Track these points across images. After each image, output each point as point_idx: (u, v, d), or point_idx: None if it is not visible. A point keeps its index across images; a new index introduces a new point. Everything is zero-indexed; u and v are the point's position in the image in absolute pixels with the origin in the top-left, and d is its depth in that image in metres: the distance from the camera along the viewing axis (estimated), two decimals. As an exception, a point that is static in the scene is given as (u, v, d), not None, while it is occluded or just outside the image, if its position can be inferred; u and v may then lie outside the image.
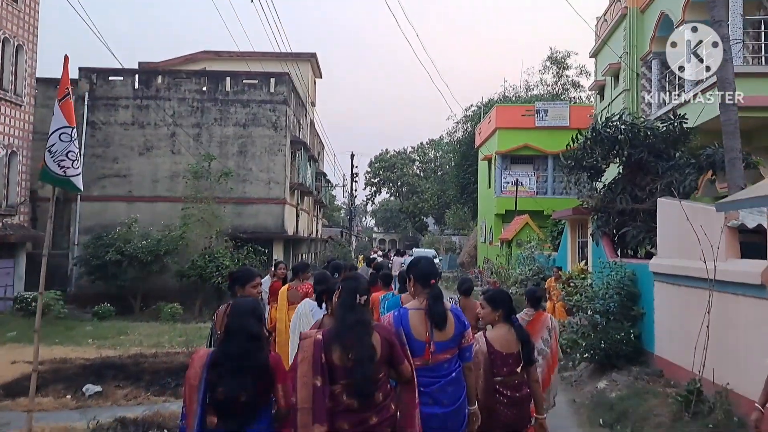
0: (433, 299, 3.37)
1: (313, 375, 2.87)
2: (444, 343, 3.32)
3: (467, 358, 3.46)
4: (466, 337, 3.44)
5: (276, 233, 20.41)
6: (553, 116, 23.97)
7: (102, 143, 20.16)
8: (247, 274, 4.23)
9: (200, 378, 2.86)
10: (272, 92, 20.60)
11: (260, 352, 2.95)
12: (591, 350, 8.12)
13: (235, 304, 3.21)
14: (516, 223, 21.22)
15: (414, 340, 3.28)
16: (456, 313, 3.47)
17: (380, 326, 3.16)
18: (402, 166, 58.67)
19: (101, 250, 17.67)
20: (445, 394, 3.28)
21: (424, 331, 3.30)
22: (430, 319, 3.32)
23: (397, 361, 3.05)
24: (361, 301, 3.11)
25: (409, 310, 3.42)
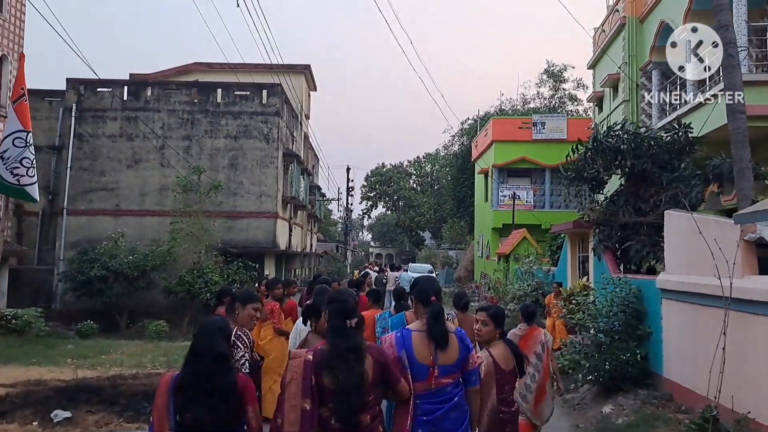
0: (433, 318, 3.24)
1: (302, 397, 2.78)
2: (447, 367, 3.20)
3: (473, 383, 3.33)
4: (470, 361, 3.32)
5: (267, 248, 19.90)
6: (550, 129, 23.63)
7: (89, 156, 19.70)
8: (251, 295, 4.17)
9: (167, 403, 2.72)
10: (264, 104, 20.20)
11: (228, 373, 2.80)
12: (595, 372, 7.61)
13: (203, 322, 3.04)
14: (513, 237, 20.75)
15: (417, 364, 3.17)
16: (460, 336, 3.32)
17: (373, 348, 3.05)
18: (398, 180, 58.28)
19: (86, 266, 17.10)
20: (448, 421, 3.16)
21: (428, 354, 3.17)
22: (431, 339, 3.20)
23: (393, 381, 3.02)
24: (351, 324, 2.99)
25: (413, 331, 3.29)
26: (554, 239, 14.89)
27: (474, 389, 3.34)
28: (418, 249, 59.76)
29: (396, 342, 3.24)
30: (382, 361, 2.98)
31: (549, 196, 24.08)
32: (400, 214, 60.09)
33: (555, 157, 23.42)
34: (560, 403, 8.77)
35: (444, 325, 3.27)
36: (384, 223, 74.97)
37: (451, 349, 3.22)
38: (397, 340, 3.24)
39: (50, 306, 19.05)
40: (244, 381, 2.88)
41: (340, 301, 3.07)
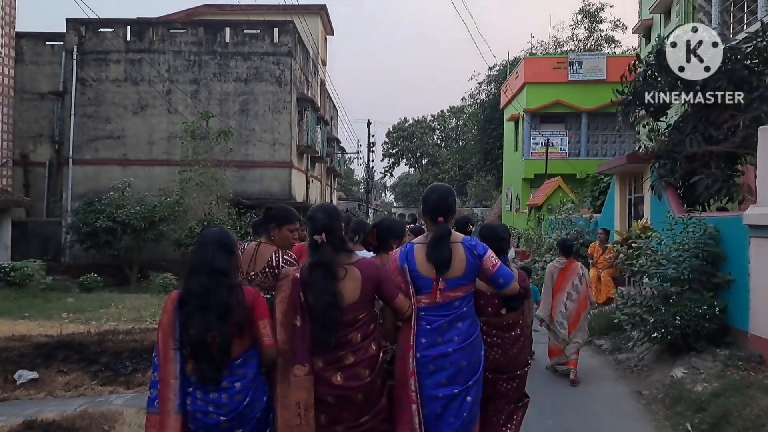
0: (434, 241, 2.97)
1: (292, 314, 2.80)
2: (455, 280, 2.96)
3: (502, 285, 3.04)
4: (487, 264, 3.00)
5: (283, 200, 18.66)
6: (588, 69, 21.69)
7: (93, 102, 18.53)
8: (288, 213, 3.56)
9: (173, 320, 2.70)
10: (275, 43, 18.68)
11: (224, 288, 2.69)
12: (662, 328, 6.25)
13: (201, 235, 2.90)
14: (547, 187, 19.21)
15: (421, 277, 2.97)
16: (469, 246, 3.01)
17: (363, 263, 2.90)
18: (421, 136, 56.48)
19: (91, 217, 16.11)
20: (454, 330, 2.94)
21: (431, 267, 2.96)
22: (431, 264, 2.96)
23: (389, 297, 2.90)
24: (321, 239, 2.82)
25: (415, 245, 3.06)
26: (596, 184, 13.35)
27: (507, 291, 3.08)
28: (442, 207, 58.26)
29: (398, 255, 3.07)
30: (372, 277, 2.84)
31: (585, 142, 22.32)
32: (423, 172, 58.49)
33: (593, 100, 21.63)
34: (614, 364, 7.48)
35: (444, 250, 2.94)
36: (407, 182, 73.61)
37: (457, 261, 2.95)
38: (400, 253, 3.07)
39: (59, 260, 18.27)
40: (253, 295, 2.78)
41: (311, 218, 2.93)
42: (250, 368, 2.75)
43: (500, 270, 3.01)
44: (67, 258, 18.17)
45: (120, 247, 16.24)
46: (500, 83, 30.86)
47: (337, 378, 2.74)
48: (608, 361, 7.58)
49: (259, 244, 3.43)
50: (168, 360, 2.66)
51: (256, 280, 3.28)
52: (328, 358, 2.75)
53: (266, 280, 3.28)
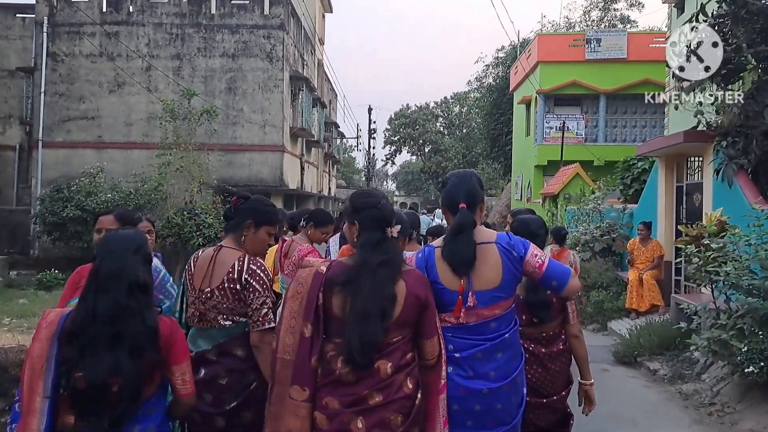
0: (452, 232, 2.30)
1: (303, 318, 2.14)
2: (489, 293, 2.24)
3: (559, 287, 2.34)
4: (531, 265, 2.29)
5: (274, 187, 17.06)
6: (607, 47, 19.86)
7: (66, 79, 16.83)
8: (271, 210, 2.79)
9: (47, 356, 1.97)
10: (266, 15, 16.94)
11: (146, 313, 2.03)
12: (760, 360, 4.61)
13: (108, 237, 2.18)
14: (563, 175, 17.51)
15: (446, 291, 2.26)
16: (505, 245, 2.29)
17: (414, 275, 2.21)
18: (424, 123, 54.69)
19: (58, 206, 14.47)
20: (492, 363, 2.24)
21: (456, 277, 2.25)
22: (447, 263, 2.26)
23: (426, 330, 2.20)
24: (392, 233, 2.23)
25: (436, 248, 2.35)
26: (628, 169, 11.65)
27: (566, 292, 2.36)
28: (445, 196, 56.78)
29: (416, 263, 2.34)
30: (419, 296, 2.15)
31: (604, 126, 20.54)
32: (426, 160, 56.87)
33: (612, 80, 19.83)
34: (678, 398, 5.84)
35: (466, 243, 2.24)
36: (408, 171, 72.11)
37: (489, 267, 2.25)
38: (417, 260, 2.35)
39: (27, 252, 16.68)
40: (170, 328, 2.12)
41: (373, 205, 2.24)
42: (153, 422, 2.11)
43: (551, 268, 2.34)
44: (37, 251, 16.57)
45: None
46: (508, 66, 29.06)
47: (358, 425, 2.06)
48: (670, 394, 5.94)
49: (219, 249, 2.66)
50: (32, 411, 1.95)
51: (211, 299, 2.58)
52: (347, 398, 2.10)
53: (225, 300, 2.58)
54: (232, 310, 2.57)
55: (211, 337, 2.62)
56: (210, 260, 2.64)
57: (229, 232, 2.72)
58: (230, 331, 2.57)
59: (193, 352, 2.57)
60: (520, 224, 3.29)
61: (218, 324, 2.58)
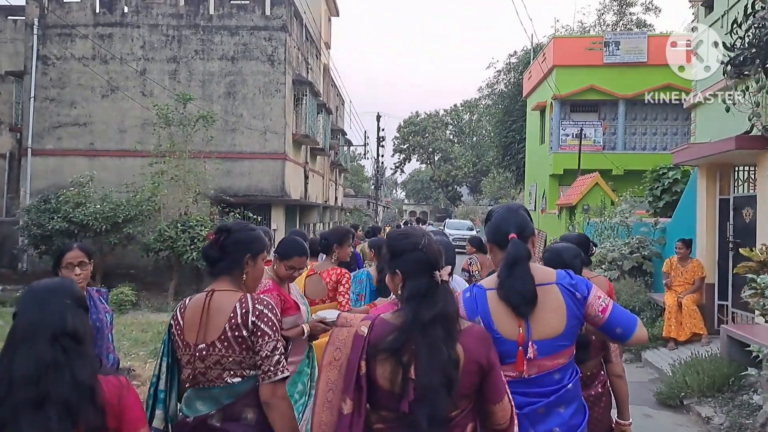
0: (507, 266, 2.03)
1: (342, 392, 1.84)
2: (551, 342, 2.00)
3: (623, 336, 2.07)
4: (594, 309, 2.04)
5: (275, 197, 16.14)
6: (626, 50, 18.90)
7: (56, 83, 16.04)
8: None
9: None
10: (268, 16, 16.09)
11: (77, 367, 1.67)
12: None
13: (31, 286, 1.85)
14: (581, 184, 16.50)
15: (501, 340, 2.00)
16: (568, 286, 2.04)
17: (471, 332, 1.88)
18: (434, 131, 53.89)
19: (45, 217, 13.62)
20: (555, 418, 2.02)
21: (514, 324, 2.00)
22: (506, 303, 2.00)
23: (492, 394, 1.86)
24: (441, 277, 1.88)
25: (487, 290, 2.08)
26: (658, 179, 10.62)
27: (631, 342, 2.10)
28: (454, 205, 56.10)
29: (464, 305, 2.07)
30: (482, 362, 1.82)
31: (623, 134, 19.53)
32: (435, 168, 56.08)
33: (631, 86, 18.86)
34: None
35: (525, 277, 1.99)
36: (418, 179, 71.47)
37: (550, 311, 2.00)
38: (466, 303, 2.07)
39: (15, 266, 15.86)
40: (118, 388, 1.77)
41: (414, 246, 1.91)
42: None
43: (615, 313, 2.04)
44: (25, 264, 15.74)
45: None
46: (521, 72, 28.16)
47: None
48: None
49: (211, 294, 2.25)
50: None
51: (212, 355, 2.16)
52: None
53: (230, 353, 2.17)
54: (240, 364, 2.18)
55: (212, 398, 2.21)
56: (202, 309, 2.23)
57: (221, 274, 2.31)
58: (238, 389, 2.18)
59: (190, 417, 2.22)
60: (552, 254, 2.92)
61: (223, 382, 2.19)
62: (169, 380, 2.37)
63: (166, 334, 2.39)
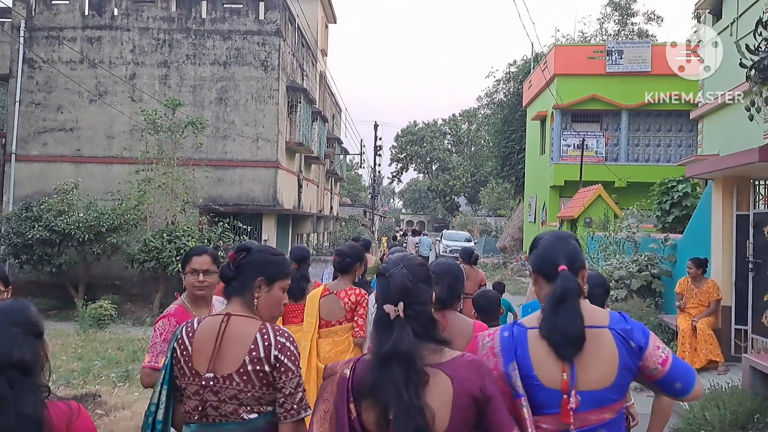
0: (554, 301, 1.82)
1: None
2: (599, 394, 1.78)
3: (681, 391, 1.86)
4: (652, 361, 1.82)
5: (266, 206, 15.61)
6: (630, 59, 18.49)
7: (43, 87, 15.53)
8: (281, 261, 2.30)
9: None
10: (261, 20, 15.63)
11: (24, 400, 1.62)
12: None
13: None
14: (583, 196, 16.00)
15: (541, 388, 1.80)
16: (621, 332, 1.82)
17: (460, 363, 1.72)
18: (432, 140, 53.50)
19: (26, 225, 13.07)
20: None
21: (557, 370, 1.79)
22: (549, 343, 1.80)
23: (499, 428, 1.70)
24: (397, 312, 1.73)
25: (529, 329, 1.88)
26: (666, 192, 10.11)
27: (688, 398, 1.91)
28: (452, 215, 55.64)
29: (501, 346, 1.86)
30: (476, 394, 1.67)
31: (626, 145, 19.08)
32: (433, 178, 55.66)
33: (634, 95, 18.45)
34: None
35: (573, 315, 1.77)
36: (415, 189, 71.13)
37: (600, 359, 1.78)
38: (503, 344, 1.86)
39: (-4, 276, 15.23)
40: (68, 416, 1.70)
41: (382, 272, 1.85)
42: None
43: (675, 367, 1.83)
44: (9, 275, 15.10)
45: (60, 262, 13.18)
46: (520, 81, 27.77)
47: None
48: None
49: (228, 318, 2.07)
50: None
51: (228, 388, 2.00)
52: None
53: (249, 387, 2.01)
54: (259, 400, 2.02)
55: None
56: (217, 335, 2.05)
57: (233, 295, 2.18)
58: (253, 426, 2.02)
59: None
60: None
61: (239, 418, 2.02)
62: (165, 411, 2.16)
63: (168, 358, 2.16)
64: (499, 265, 23.76)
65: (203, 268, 3.06)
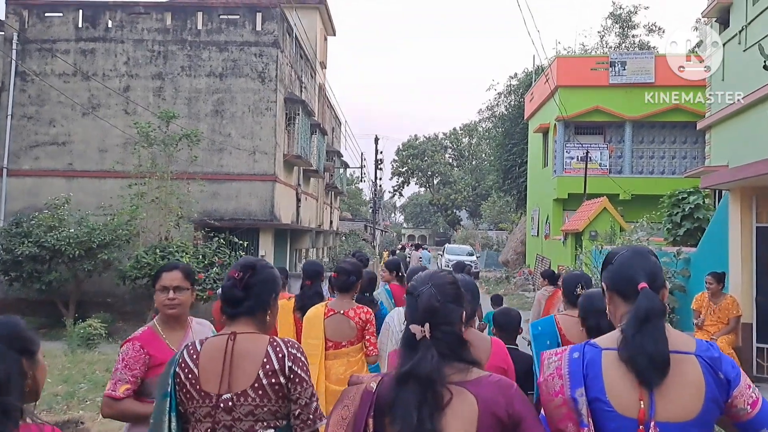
0: (637, 322, 1.67)
1: None
2: (678, 427, 1.62)
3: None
4: (741, 399, 1.65)
5: (263, 221, 15.22)
6: (633, 70, 18.19)
7: (35, 101, 15.23)
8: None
9: None
10: (258, 31, 15.36)
11: None
12: None
13: None
14: (588, 209, 15.62)
15: (614, 416, 1.64)
16: (707, 360, 1.67)
17: (487, 383, 1.67)
18: (433, 154, 53.26)
19: (15, 241, 12.69)
20: None
21: (633, 397, 1.64)
22: (631, 367, 1.65)
23: None
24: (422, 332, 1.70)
25: (603, 350, 1.74)
26: (677, 204, 9.70)
27: None
28: (453, 229, 55.25)
29: (569, 368, 1.72)
30: (499, 414, 1.61)
31: (629, 157, 18.72)
32: (434, 192, 55.37)
33: (638, 107, 18.17)
34: None
35: (658, 337, 1.63)
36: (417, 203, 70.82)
37: (684, 388, 1.63)
38: (572, 367, 1.72)
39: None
40: None
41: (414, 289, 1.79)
42: None
43: (765, 410, 1.64)
44: (0, 293, 14.73)
45: (50, 279, 12.77)
46: (522, 94, 27.52)
47: None
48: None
49: (233, 337, 2.05)
50: None
51: (243, 405, 1.98)
52: None
53: (265, 402, 2.00)
54: (275, 413, 2.00)
55: None
56: (225, 353, 2.00)
57: (241, 315, 2.10)
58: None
59: None
60: (586, 301, 2.82)
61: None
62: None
63: (170, 384, 2.07)
64: (502, 279, 23.32)
65: (174, 284, 2.80)
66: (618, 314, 1.81)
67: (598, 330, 2.61)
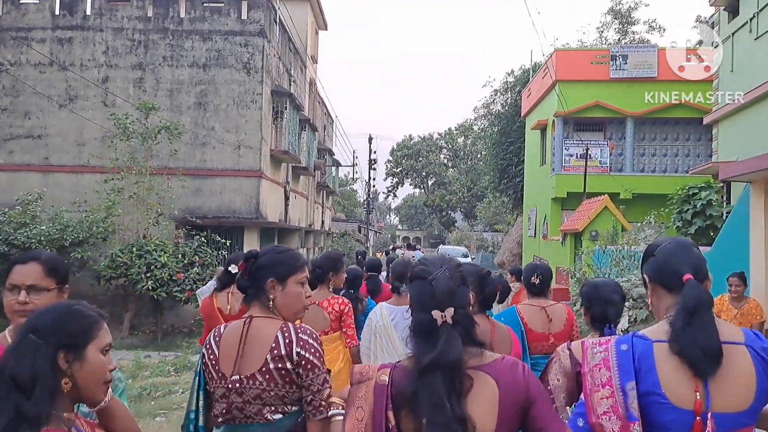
0: (686, 314, 1.65)
1: None
2: (733, 418, 1.61)
3: None
4: None
5: (248, 218, 14.51)
6: (635, 64, 17.55)
7: (9, 92, 14.50)
8: (293, 257, 2.37)
9: None
10: (244, 20, 14.66)
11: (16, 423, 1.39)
12: None
13: None
14: (588, 209, 14.97)
15: (669, 408, 1.62)
16: (757, 350, 1.66)
17: (502, 365, 1.67)
18: (427, 154, 52.62)
19: (-18, 240, 11.96)
20: None
21: (689, 389, 1.63)
22: (684, 359, 1.64)
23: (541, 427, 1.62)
24: (445, 319, 1.64)
25: (654, 342, 1.71)
26: (688, 200, 9.05)
27: None
28: (448, 231, 54.68)
29: (618, 360, 1.70)
30: (516, 391, 1.63)
31: (631, 154, 18.07)
32: (429, 193, 54.74)
33: (640, 103, 17.51)
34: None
35: (709, 328, 1.63)
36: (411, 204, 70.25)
37: (737, 378, 1.63)
38: (621, 358, 1.70)
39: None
40: None
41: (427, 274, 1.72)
42: None
43: None
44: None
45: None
46: (518, 92, 26.89)
47: None
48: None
49: (249, 320, 2.14)
50: None
51: (252, 388, 2.04)
52: None
53: (272, 386, 2.05)
54: (282, 399, 2.04)
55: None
56: (240, 337, 2.11)
57: (251, 302, 2.20)
58: (279, 427, 2.04)
59: None
60: (591, 290, 2.86)
61: (263, 418, 2.04)
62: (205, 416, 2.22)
63: (199, 365, 2.25)
64: (498, 281, 22.64)
65: (27, 282, 2.01)
66: (662, 306, 1.78)
67: (603, 318, 2.73)
